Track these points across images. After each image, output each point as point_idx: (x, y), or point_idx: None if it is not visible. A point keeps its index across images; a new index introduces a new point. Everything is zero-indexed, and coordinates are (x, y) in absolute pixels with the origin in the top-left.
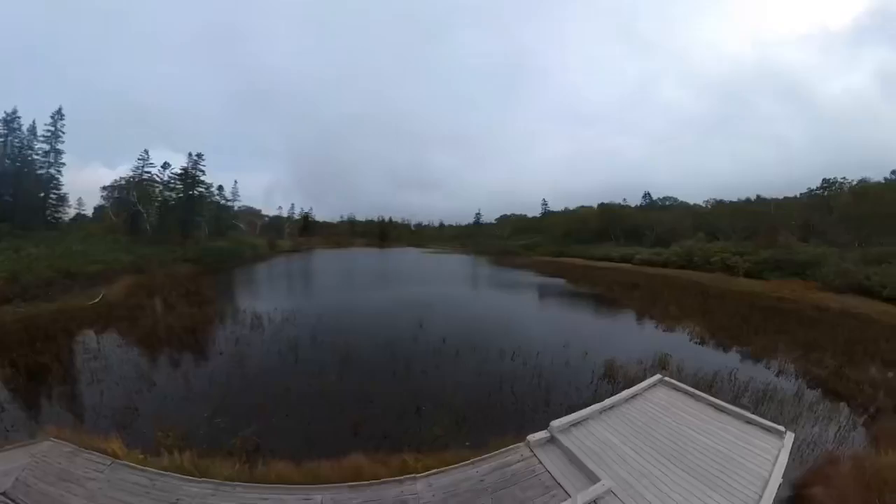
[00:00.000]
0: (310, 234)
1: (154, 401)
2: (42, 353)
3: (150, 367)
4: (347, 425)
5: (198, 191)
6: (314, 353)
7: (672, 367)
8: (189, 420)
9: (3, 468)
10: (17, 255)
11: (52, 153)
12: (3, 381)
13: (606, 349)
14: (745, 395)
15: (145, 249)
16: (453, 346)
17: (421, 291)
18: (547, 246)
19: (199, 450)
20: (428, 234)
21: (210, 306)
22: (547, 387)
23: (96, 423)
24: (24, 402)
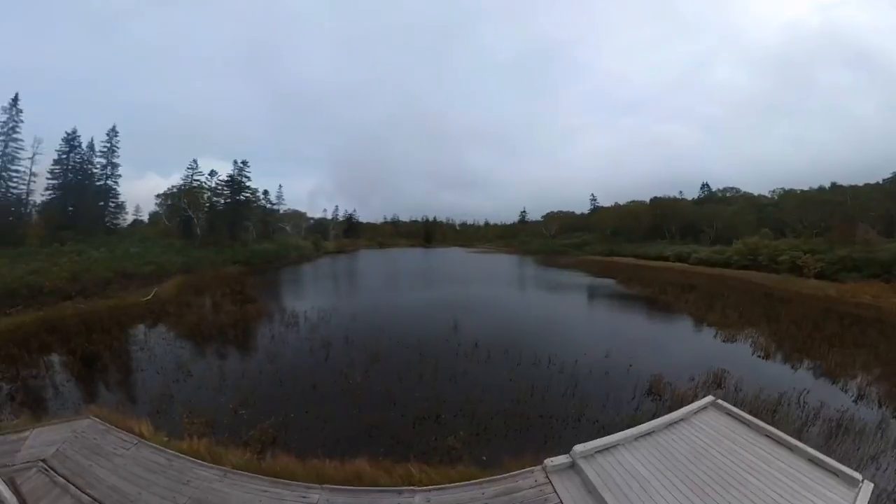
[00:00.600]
0: (354, 235)
1: (188, 390)
2: (95, 343)
3: (189, 358)
4: (363, 426)
5: (244, 196)
6: (345, 351)
7: (729, 385)
8: (216, 409)
9: (48, 439)
10: (79, 258)
11: (108, 166)
12: (62, 366)
13: (654, 361)
14: (815, 424)
15: (196, 251)
16: (487, 349)
17: (460, 292)
18: (595, 244)
19: (217, 437)
20: (472, 234)
21: (251, 304)
22: (581, 400)
23: (133, 407)
24: (75, 385)
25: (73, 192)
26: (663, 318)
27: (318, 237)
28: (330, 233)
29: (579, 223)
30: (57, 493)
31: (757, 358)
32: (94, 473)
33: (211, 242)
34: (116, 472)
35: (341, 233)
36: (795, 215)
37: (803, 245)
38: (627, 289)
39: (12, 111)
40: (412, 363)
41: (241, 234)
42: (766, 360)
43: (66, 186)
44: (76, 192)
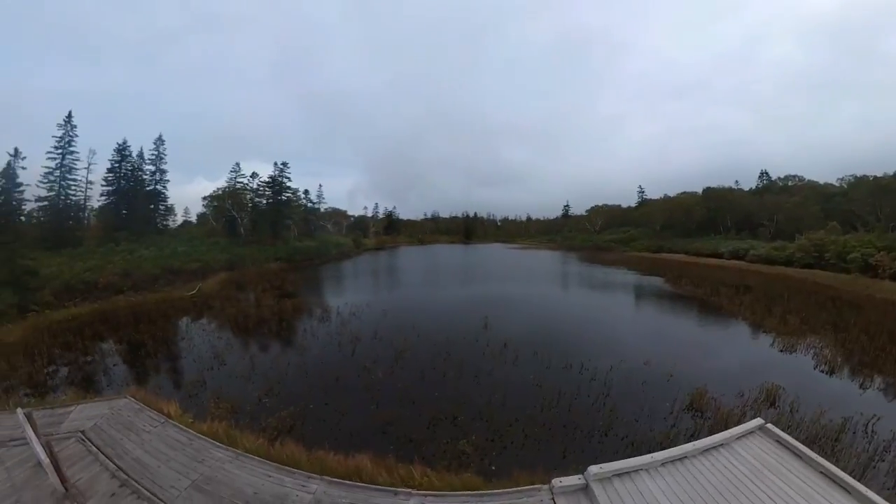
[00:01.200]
0: (394, 232)
1: (220, 377)
2: (142, 333)
3: (224, 348)
4: (378, 422)
5: (285, 196)
6: (372, 347)
7: (783, 405)
8: (242, 396)
9: (89, 414)
10: (131, 256)
11: (157, 172)
12: (110, 352)
13: (698, 371)
14: (885, 460)
15: (240, 249)
16: (516, 350)
17: (496, 290)
18: (643, 240)
19: (238, 423)
20: (514, 229)
21: (288, 299)
22: (611, 412)
23: (168, 390)
24: (120, 368)
25: (126, 197)
26: (713, 323)
27: (358, 234)
28: (370, 230)
29: (626, 217)
30: (89, 461)
31: (819, 373)
32: (122, 446)
33: (254, 241)
34: (142, 447)
35: (381, 230)
36: (868, 206)
37: (877, 241)
38: (676, 288)
39: (67, 127)
40: (437, 361)
41: (283, 233)
42: (829, 376)
43: (120, 192)
44: (128, 197)
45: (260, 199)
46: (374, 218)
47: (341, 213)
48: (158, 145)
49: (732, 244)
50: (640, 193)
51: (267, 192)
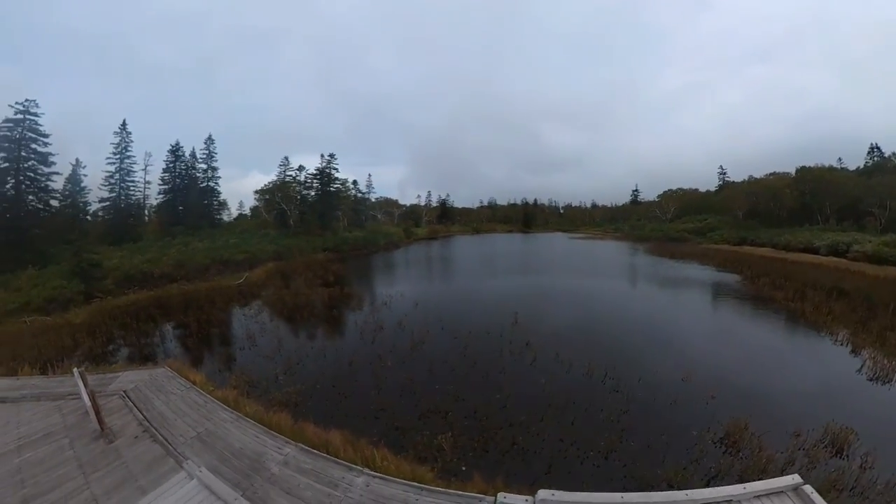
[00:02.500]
0: (448, 221)
1: (249, 356)
2: (189, 317)
3: (257, 331)
4: (374, 408)
5: (333, 187)
6: (393, 336)
7: (853, 456)
8: (262, 373)
9: (132, 379)
10: (185, 248)
11: (208, 170)
12: (160, 332)
13: (749, 396)
14: None
15: (288, 240)
16: (537, 351)
17: (541, 283)
18: (722, 229)
19: (251, 393)
20: (577, 217)
21: (326, 288)
22: (624, 432)
23: (201, 363)
24: (166, 345)
25: (181, 194)
26: (787, 335)
27: (409, 224)
28: (423, 219)
29: (703, 203)
30: (124, 412)
31: None
32: (152, 403)
33: (302, 232)
34: (167, 405)
35: (434, 219)
36: None
37: None
38: (752, 289)
39: (122, 134)
40: (451, 355)
41: (332, 223)
42: None
43: (175, 190)
44: (183, 194)
45: (308, 191)
46: (427, 206)
47: (392, 203)
48: (209, 144)
49: (830, 237)
50: (721, 175)
51: (315, 184)
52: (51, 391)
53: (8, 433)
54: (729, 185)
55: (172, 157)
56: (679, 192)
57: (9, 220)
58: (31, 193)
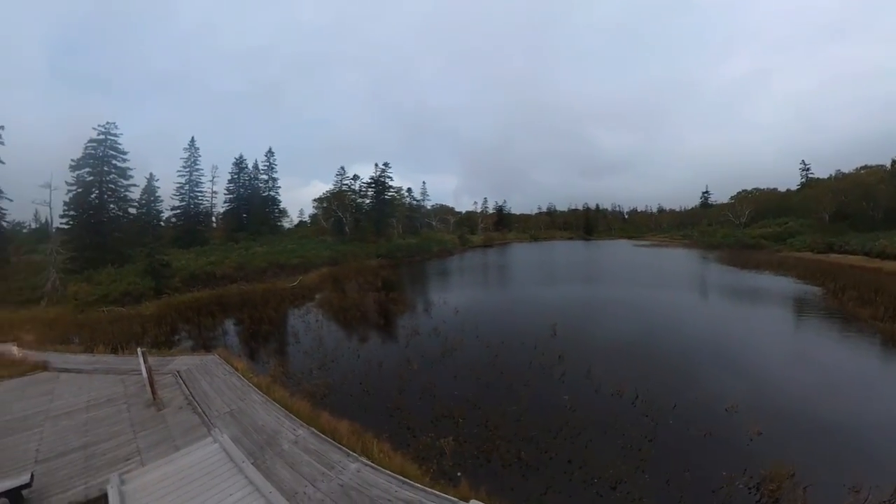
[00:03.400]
0: (505, 228)
1: (290, 350)
2: (244, 313)
3: (303, 329)
4: (391, 406)
5: (387, 195)
6: (426, 341)
7: None
8: (299, 365)
9: (185, 362)
10: (247, 252)
11: (269, 181)
12: (217, 325)
13: (802, 437)
14: None
15: (343, 246)
16: (568, 365)
17: (593, 293)
18: (805, 234)
19: (285, 382)
20: (643, 223)
21: (374, 293)
22: (641, 462)
23: (247, 353)
24: (220, 335)
25: (245, 203)
26: (867, 363)
27: (464, 231)
28: (479, 226)
29: (782, 204)
30: (174, 388)
31: None
32: (198, 382)
33: (358, 238)
34: (210, 385)
35: (491, 226)
36: None
37: None
38: (835, 304)
39: (191, 149)
40: (479, 363)
41: (386, 230)
42: None
43: (239, 199)
44: (247, 202)
45: (363, 199)
46: (483, 213)
47: (448, 210)
48: (269, 157)
49: None
50: (804, 171)
51: (369, 192)
52: (118, 367)
53: (80, 395)
54: (812, 182)
55: (236, 169)
56: (755, 193)
57: (93, 225)
58: (112, 202)
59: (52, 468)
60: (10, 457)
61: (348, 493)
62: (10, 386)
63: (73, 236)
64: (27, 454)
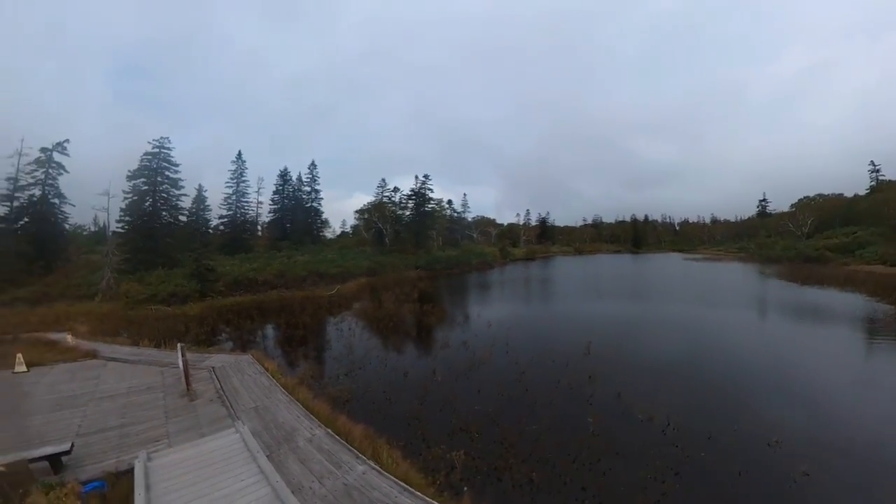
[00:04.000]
0: (548, 241)
1: (322, 355)
2: (281, 318)
3: (335, 336)
4: (410, 416)
5: (428, 207)
6: (454, 354)
7: None
8: (327, 370)
9: (221, 360)
10: (288, 260)
11: (312, 192)
12: (255, 328)
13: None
14: None
15: (383, 258)
16: (600, 385)
17: (632, 310)
18: (877, 245)
19: (311, 384)
20: (695, 234)
21: (409, 304)
22: (664, 498)
23: (279, 355)
24: (257, 338)
25: (289, 213)
26: None
27: (505, 243)
28: (521, 238)
29: (849, 212)
30: (207, 382)
31: None
32: (230, 379)
33: (397, 250)
34: (241, 382)
35: (534, 238)
36: None
37: None
38: None
39: (238, 162)
40: (504, 379)
41: (426, 242)
42: None
43: (283, 209)
44: (290, 213)
45: (403, 210)
46: (525, 225)
47: (489, 222)
48: (312, 169)
49: None
50: (874, 173)
51: (409, 204)
52: (159, 360)
53: (122, 382)
54: (883, 185)
55: (281, 181)
56: (817, 200)
57: (146, 231)
58: (164, 210)
59: (90, 441)
60: (56, 429)
61: (350, 492)
62: (63, 369)
63: (127, 240)
64: (70, 428)
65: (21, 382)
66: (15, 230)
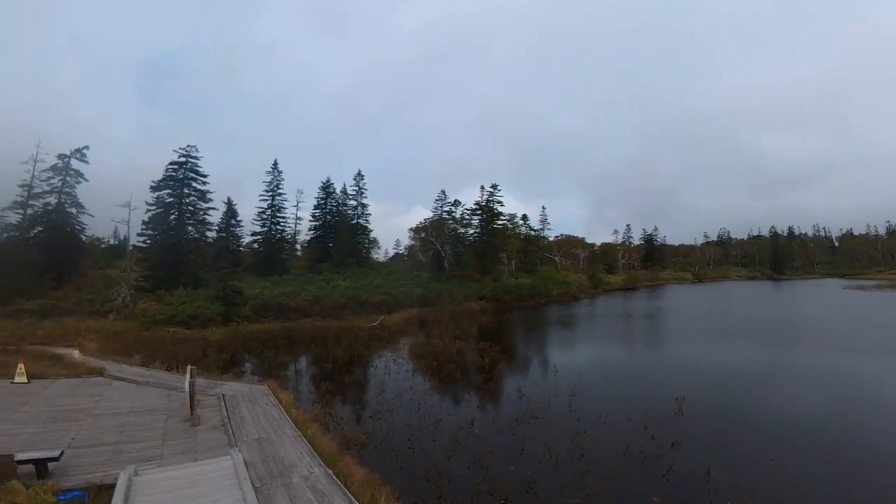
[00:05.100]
0: (656, 264)
1: (347, 393)
2: (310, 350)
3: (367, 371)
4: (432, 468)
5: (498, 223)
6: (504, 404)
7: None
8: (351, 409)
9: (233, 388)
10: (327, 285)
11: (358, 207)
12: (278, 358)
13: None
14: None
15: (439, 285)
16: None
17: (759, 358)
18: None
19: (323, 421)
20: (862, 251)
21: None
22: None
23: (299, 388)
24: (278, 368)
25: (331, 231)
26: None
27: (598, 269)
28: (619, 262)
29: None
30: (215, 409)
31: None
32: (239, 408)
33: (458, 276)
34: (250, 412)
35: (636, 261)
36: None
37: None
38: None
39: (274, 173)
40: (557, 439)
41: (494, 267)
42: None
43: (325, 226)
44: (333, 231)
45: (466, 228)
46: (624, 245)
47: (576, 241)
48: (358, 180)
49: None
50: None
51: (473, 221)
52: (168, 383)
53: (126, 402)
54: None
55: (323, 194)
56: None
57: (169, 246)
58: (190, 224)
59: (80, 454)
60: (49, 439)
61: None
62: (66, 384)
63: (148, 255)
64: (63, 439)
65: (20, 392)
66: (27, 239)
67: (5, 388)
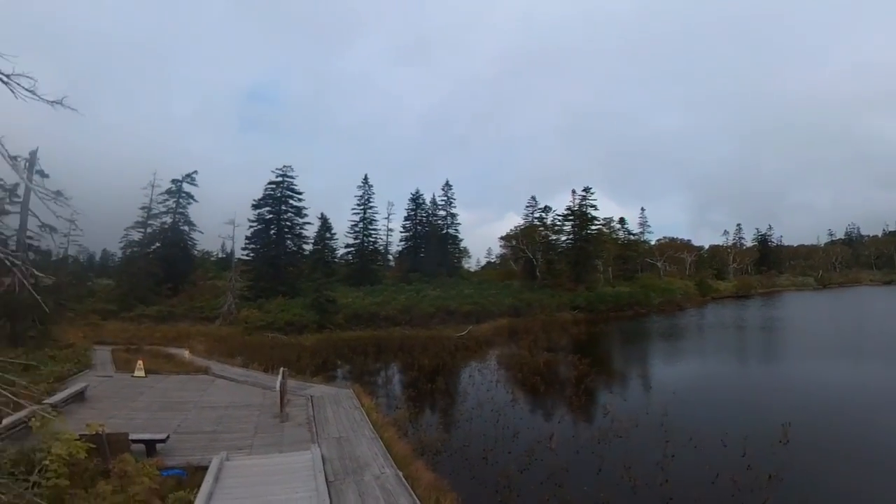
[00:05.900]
0: (772, 268)
1: (429, 401)
2: (398, 358)
3: (450, 381)
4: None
5: (592, 228)
6: (588, 420)
7: None
8: (430, 416)
9: (321, 390)
10: (416, 295)
11: (448, 216)
12: (368, 365)
13: None
14: None
15: (530, 294)
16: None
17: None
18: None
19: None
20: None
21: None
22: None
23: (384, 393)
24: (369, 375)
25: (421, 241)
26: None
27: (706, 274)
28: (730, 266)
29: None
30: (303, 407)
31: None
32: (324, 408)
33: (550, 284)
34: (334, 413)
35: (749, 264)
36: None
37: None
38: None
39: (365, 187)
40: (641, 460)
41: (588, 275)
42: None
43: (416, 237)
44: (423, 241)
45: (558, 234)
46: (735, 247)
47: (680, 245)
48: (447, 190)
49: None
50: None
51: (565, 227)
52: (263, 382)
53: (226, 397)
54: None
55: (413, 206)
56: None
57: (270, 259)
58: (289, 238)
59: (183, 439)
60: (159, 424)
61: None
62: (176, 379)
63: (251, 267)
64: (170, 426)
65: (138, 385)
66: (147, 254)
67: (126, 381)
